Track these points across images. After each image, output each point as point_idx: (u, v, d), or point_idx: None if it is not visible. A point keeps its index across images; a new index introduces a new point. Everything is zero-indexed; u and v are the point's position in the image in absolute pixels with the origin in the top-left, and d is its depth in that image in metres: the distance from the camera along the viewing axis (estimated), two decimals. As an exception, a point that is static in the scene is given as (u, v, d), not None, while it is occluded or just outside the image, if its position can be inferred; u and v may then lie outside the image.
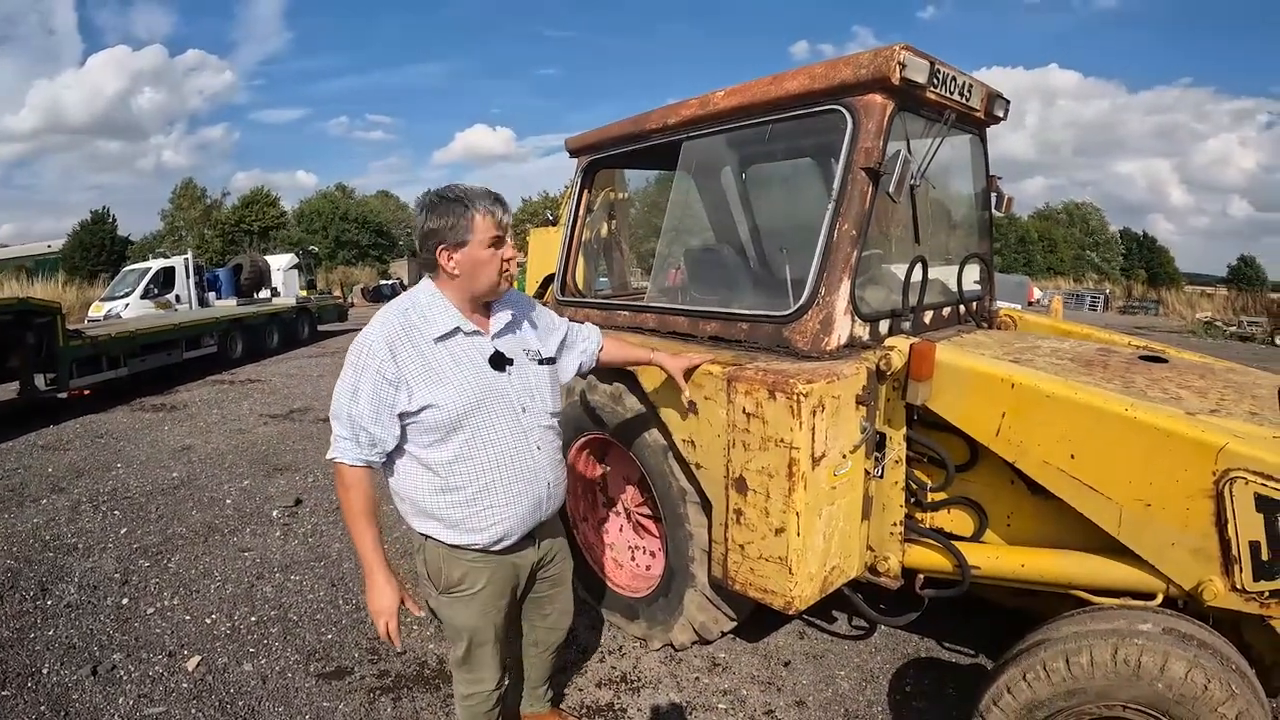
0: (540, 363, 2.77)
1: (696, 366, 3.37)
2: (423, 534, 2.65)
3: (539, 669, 3.32)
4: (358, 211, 65.72)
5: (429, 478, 2.55)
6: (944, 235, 4.53)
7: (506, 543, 2.66)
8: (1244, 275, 69.28)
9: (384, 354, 2.42)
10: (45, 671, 4.04)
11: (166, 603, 4.82)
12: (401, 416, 2.47)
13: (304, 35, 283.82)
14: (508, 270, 2.56)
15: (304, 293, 23.17)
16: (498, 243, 2.50)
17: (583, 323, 3.28)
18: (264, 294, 22.56)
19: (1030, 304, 31.15)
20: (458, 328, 2.53)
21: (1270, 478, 2.48)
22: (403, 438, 2.52)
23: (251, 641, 4.34)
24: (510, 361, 2.63)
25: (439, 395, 2.45)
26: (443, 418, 2.46)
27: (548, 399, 2.77)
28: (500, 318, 2.66)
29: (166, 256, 22.75)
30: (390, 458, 2.58)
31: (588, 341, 3.16)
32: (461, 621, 2.73)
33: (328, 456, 2.55)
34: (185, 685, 3.92)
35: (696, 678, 3.93)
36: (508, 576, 2.76)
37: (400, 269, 62.21)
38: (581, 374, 3.22)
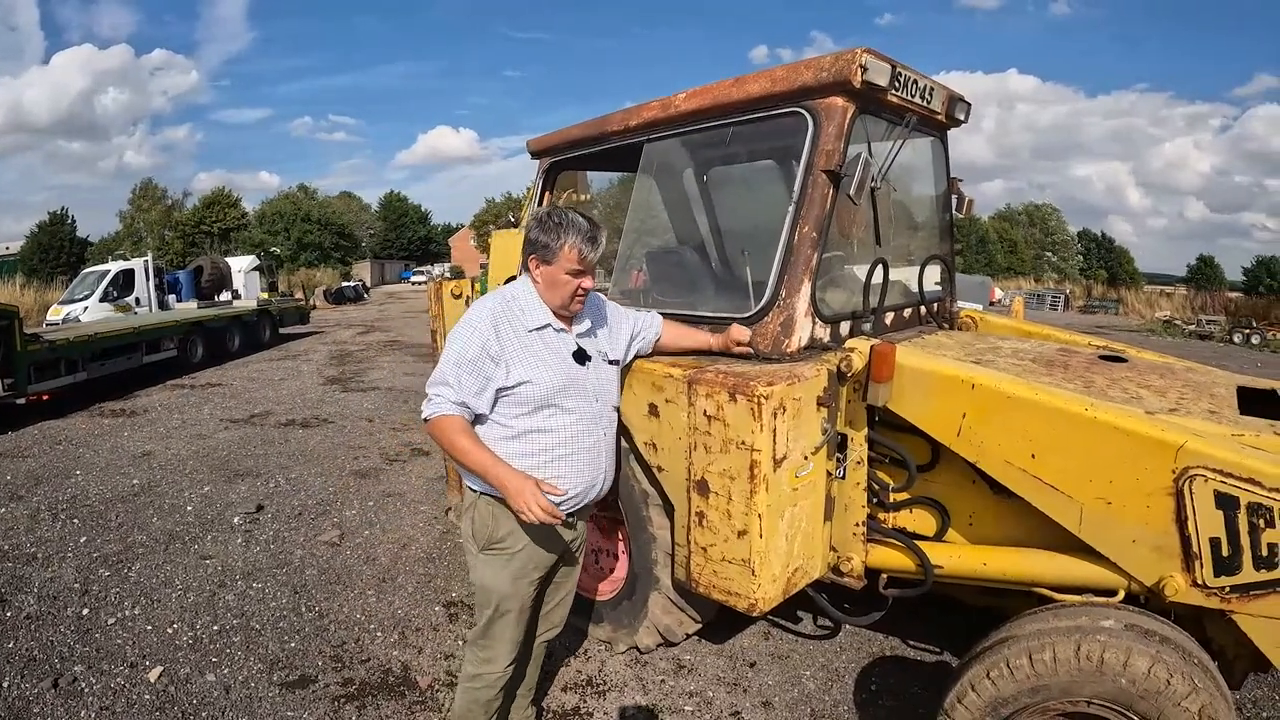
0: (609, 363, 3.08)
1: (747, 337, 3.51)
2: (479, 491, 2.85)
3: (529, 668, 3.36)
4: (320, 213, 65.25)
5: (510, 443, 2.80)
6: (905, 237, 4.56)
7: (561, 511, 2.79)
8: (1203, 275, 70.46)
9: (489, 332, 2.73)
10: (5, 685, 3.95)
11: (127, 612, 4.73)
12: (498, 391, 2.76)
13: (269, 35, 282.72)
14: (581, 295, 2.84)
15: (265, 295, 22.97)
16: (578, 273, 2.78)
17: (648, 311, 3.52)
18: (225, 296, 22.33)
19: (992, 304, 31.50)
20: (548, 324, 2.85)
21: (1229, 475, 2.53)
22: (493, 409, 2.80)
23: (214, 651, 4.27)
24: (589, 358, 2.94)
25: (536, 374, 2.76)
26: (536, 393, 2.76)
27: (614, 394, 3.10)
28: (581, 321, 2.99)
29: (126, 258, 22.44)
30: (475, 424, 2.82)
31: (648, 330, 3.42)
32: (493, 582, 2.89)
33: (424, 415, 2.76)
34: (147, 697, 3.86)
35: (662, 680, 3.93)
36: (545, 546, 2.92)
37: (363, 270, 61.84)
38: (640, 355, 3.45)
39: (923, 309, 4.38)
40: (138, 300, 19.95)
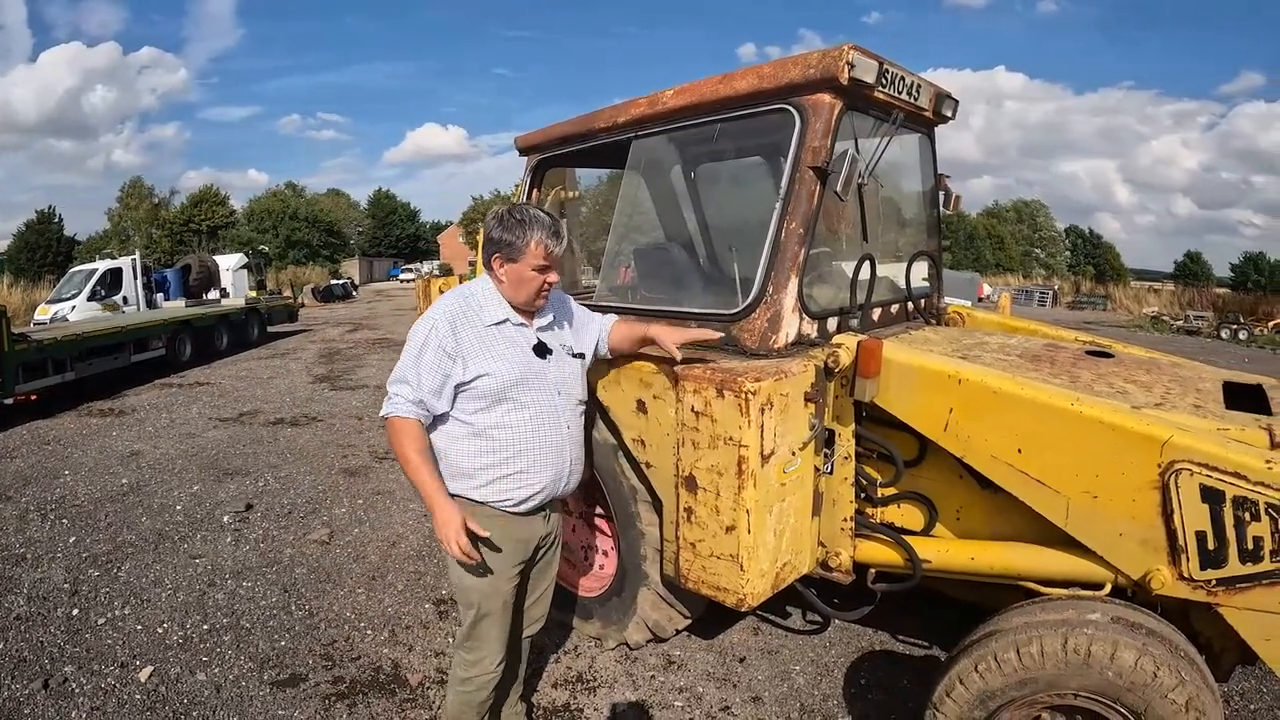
0: (573, 356, 3.11)
1: (693, 340, 3.36)
2: (451, 494, 2.83)
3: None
4: (308, 210, 65.09)
5: (471, 440, 2.83)
6: (893, 233, 4.57)
7: (528, 505, 2.90)
8: (1190, 271, 70.86)
9: (446, 330, 2.77)
10: (-6, 686, 3.95)
11: (117, 612, 4.72)
12: (457, 387, 2.79)
13: (257, 33, 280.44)
14: (546, 290, 2.88)
15: (253, 293, 22.89)
16: (544, 269, 2.82)
17: (604, 313, 3.53)
18: (213, 295, 22.24)
19: (980, 300, 31.62)
20: (507, 318, 2.88)
21: (1215, 469, 2.54)
22: (453, 405, 2.82)
23: (204, 650, 4.27)
24: (551, 351, 2.97)
25: (493, 366, 2.78)
26: (493, 385, 2.78)
27: (578, 388, 3.09)
28: (543, 315, 3.01)
29: (114, 257, 22.35)
30: (437, 422, 2.86)
31: (602, 329, 3.38)
32: (472, 583, 2.90)
33: (382, 414, 2.83)
34: (138, 696, 3.85)
35: (652, 676, 3.93)
36: (520, 540, 2.94)
37: (351, 268, 61.67)
38: (598, 358, 3.41)
39: (910, 305, 4.39)
40: (125, 299, 19.85)
